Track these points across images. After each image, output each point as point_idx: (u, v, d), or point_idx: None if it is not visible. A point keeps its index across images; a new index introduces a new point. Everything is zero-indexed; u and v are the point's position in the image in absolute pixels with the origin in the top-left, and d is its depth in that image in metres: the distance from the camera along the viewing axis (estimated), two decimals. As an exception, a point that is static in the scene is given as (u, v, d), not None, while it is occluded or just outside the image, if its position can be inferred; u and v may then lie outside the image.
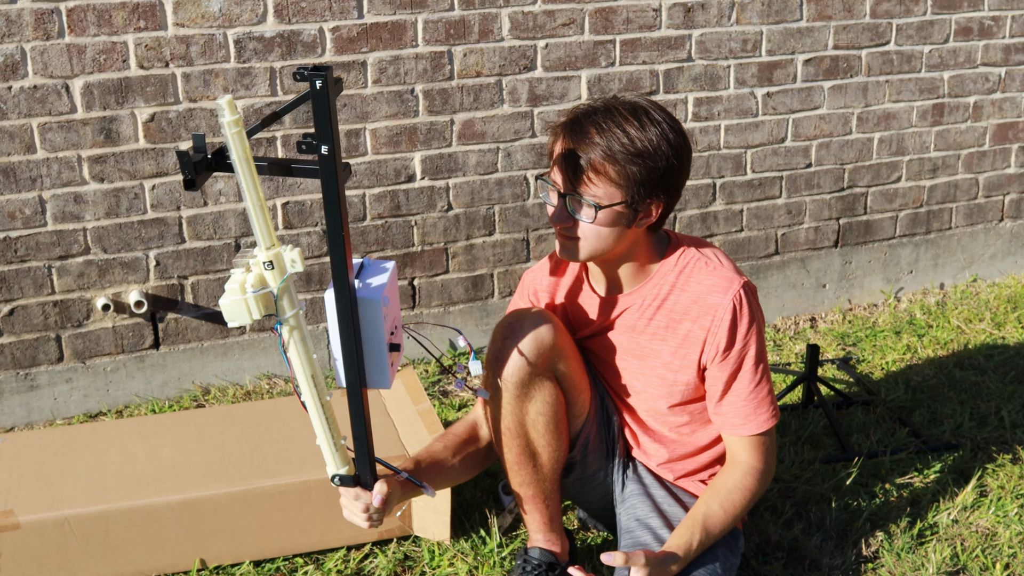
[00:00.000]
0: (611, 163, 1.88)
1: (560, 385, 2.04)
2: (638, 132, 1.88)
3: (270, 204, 3.11)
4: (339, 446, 1.83)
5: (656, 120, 1.91)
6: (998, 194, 4.07)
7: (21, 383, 3.03)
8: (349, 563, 2.36)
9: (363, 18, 3.04)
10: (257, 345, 3.23)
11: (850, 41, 3.61)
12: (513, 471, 2.12)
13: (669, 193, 1.96)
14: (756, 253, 3.73)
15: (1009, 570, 2.31)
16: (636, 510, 2.16)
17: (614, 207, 1.91)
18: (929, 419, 2.99)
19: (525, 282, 2.28)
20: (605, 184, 1.89)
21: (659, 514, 2.13)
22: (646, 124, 1.90)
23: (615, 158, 1.87)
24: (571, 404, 2.08)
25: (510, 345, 1.97)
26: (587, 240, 1.95)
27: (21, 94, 2.80)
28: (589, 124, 1.91)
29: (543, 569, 2.19)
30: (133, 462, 2.41)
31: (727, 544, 2.12)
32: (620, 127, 1.88)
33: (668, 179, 1.93)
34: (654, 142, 1.89)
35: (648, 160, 1.89)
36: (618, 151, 1.87)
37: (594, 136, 1.89)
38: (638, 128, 1.89)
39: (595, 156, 1.88)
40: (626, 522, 2.17)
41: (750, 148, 3.61)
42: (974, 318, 3.73)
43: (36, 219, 2.91)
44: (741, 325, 1.99)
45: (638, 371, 2.12)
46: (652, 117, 1.91)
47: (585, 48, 3.29)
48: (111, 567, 2.27)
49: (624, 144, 1.88)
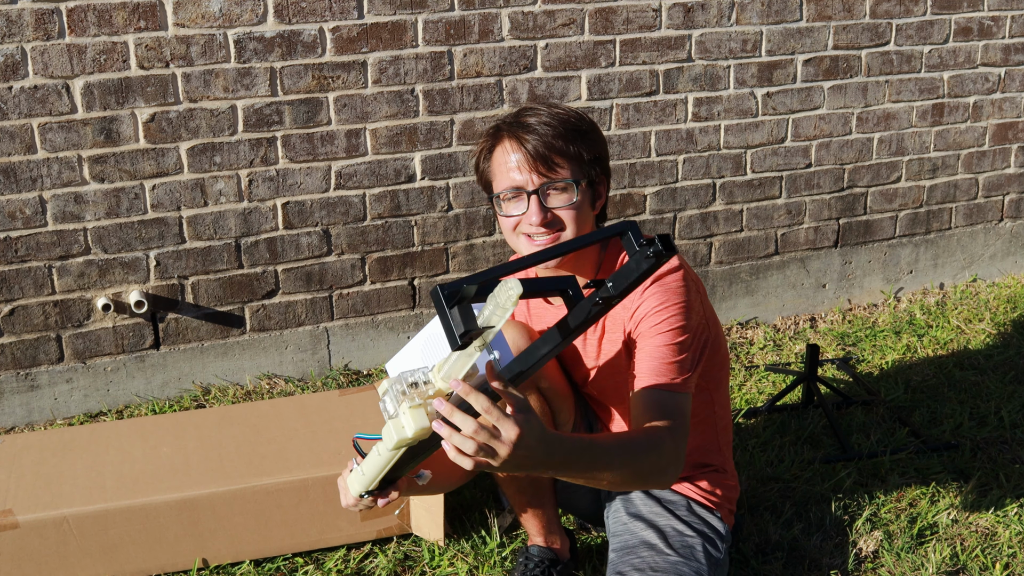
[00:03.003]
0: (565, 141, 1.89)
1: (544, 396, 2.03)
2: (566, 114, 1.93)
3: (270, 204, 3.12)
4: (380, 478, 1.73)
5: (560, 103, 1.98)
6: (998, 194, 4.07)
7: (21, 383, 3.03)
8: (349, 563, 2.36)
9: (363, 18, 3.04)
10: (257, 345, 3.23)
11: (850, 41, 3.61)
12: (507, 482, 2.12)
13: (608, 171, 2.00)
14: (756, 253, 3.73)
15: (1009, 570, 2.30)
16: (620, 514, 2.17)
17: (583, 183, 1.92)
18: (929, 419, 2.99)
19: None
20: (569, 163, 1.90)
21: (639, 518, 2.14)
22: (564, 108, 1.95)
23: (567, 136, 1.89)
24: (556, 413, 2.07)
25: None
26: (569, 230, 1.91)
27: (21, 94, 2.80)
28: (524, 117, 1.92)
29: (545, 566, 2.20)
30: (132, 462, 2.41)
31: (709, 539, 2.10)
32: (549, 114, 1.91)
33: (605, 153, 1.98)
34: (584, 119, 1.95)
35: (590, 133, 1.94)
36: (568, 130, 1.90)
37: (537, 126, 1.89)
38: (563, 111, 1.94)
39: (551, 138, 1.88)
40: (612, 525, 2.18)
41: (750, 148, 3.61)
42: (974, 318, 3.73)
43: (36, 219, 2.92)
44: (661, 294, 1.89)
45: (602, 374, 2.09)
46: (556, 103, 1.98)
47: (585, 48, 3.29)
48: (110, 566, 2.27)
49: (565, 123, 1.91)
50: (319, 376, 3.32)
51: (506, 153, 1.91)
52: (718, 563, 2.09)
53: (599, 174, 1.96)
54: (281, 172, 3.10)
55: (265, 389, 3.23)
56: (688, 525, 2.12)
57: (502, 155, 1.91)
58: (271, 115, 3.04)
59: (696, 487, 2.20)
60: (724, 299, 3.72)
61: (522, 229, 1.91)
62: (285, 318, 3.25)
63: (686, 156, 3.53)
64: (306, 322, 3.27)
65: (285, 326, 3.25)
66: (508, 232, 1.95)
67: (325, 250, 3.22)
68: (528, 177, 1.88)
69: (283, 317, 3.24)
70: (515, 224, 1.92)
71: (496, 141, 1.93)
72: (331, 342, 3.31)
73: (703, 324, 1.95)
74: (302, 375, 3.31)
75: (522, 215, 1.90)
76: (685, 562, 2.02)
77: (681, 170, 3.54)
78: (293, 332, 3.27)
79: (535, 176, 1.88)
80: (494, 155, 1.94)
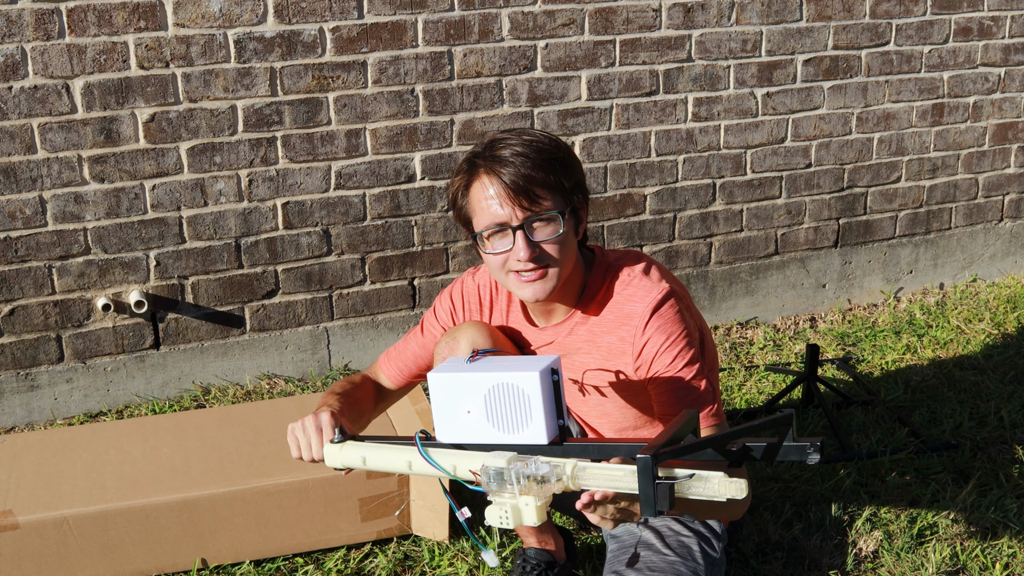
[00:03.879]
0: (544, 171, 1.80)
1: None
2: (540, 142, 1.84)
3: (270, 204, 3.12)
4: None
5: (537, 130, 1.90)
6: (998, 194, 4.07)
7: (21, 383, 3.03)
8: (349, 563, 2.36)
9: (363, 18, 3.04)
10: (257, 345, 3.23)
11: (850, 41, 3.61)
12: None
13: (587, 193, 1.92)
14: (756, 253, 3.73)
15: (1009, 570, 2.30)
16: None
17: (567, 212, 1.84)
18: (929, 419, 2.99)
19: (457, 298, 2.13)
20: (551, 194, 1.82)
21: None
22: (537, 135, 1.86)
23: (545, 166, 1.80)
24: None
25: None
26: (558, 259, 1.84)
27: (21, 94, 2.80)
28: (499, 150, 1.82)
29: (543, 568, 2.20)
30: (132, 462, 2.42)
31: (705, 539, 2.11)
32: (523, 143, 1.82)
33: (583, 176, 1.90)
34: (556, 143, 1.86)
35: (567, 160, 1.85)
36: (546, 160, 1.81)
37: (514, 157, 1.80)
38: (537, 139, 1.84)
39: (530, 169, 1.79)
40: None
41: (750, 148, 3.61)
42: (974, 318, 3.73)
43: (36, 219, 2.91)
44: (662, 332, 1.86)
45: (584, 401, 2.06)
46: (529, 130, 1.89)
47: (585, 48, 3.29)
48: (110, 567, 2.27)
49: (541, 152, 1.82)
50: (319, 376, 3.32)
51: (484, 188, 1.81)
52: (715, 562, 2.09)
53: (580, 200, 1.89)
54: (281, 172, 3.10)
55: (265, 389, 3.23)
56: (685, 525, 2.12)
57: (480, 190, 1.82)
58: (271, 115, 3.04)
59: None
60: (724, 299, 3.72)
61: (510, 266, 1.84)
62: (285, 318, 3.25)
63: (686, 156, 3.53)
64: (306, 322, 3.27)
65: (285, 326, 3.26)
66: (496, 270, 1.87)
67: (325, 250, 3.22)
68: (511, 212, 1.79)
69: (283, 317, 3.24)
70: (503, 261, 1.84)
71: (472, 176, 1.83)
72: (331, 342, 3.31)
73: (699, 338, 1.93)
74: (302, 375, 3.31)
75: (508, 251, 1.82)
76: (683, 561, 2.03)
77: (681, 170, 3.54)
78: (293, 332, 3.27)
79: (518, 210, 1.79)
80: (471, 191, 1.84)
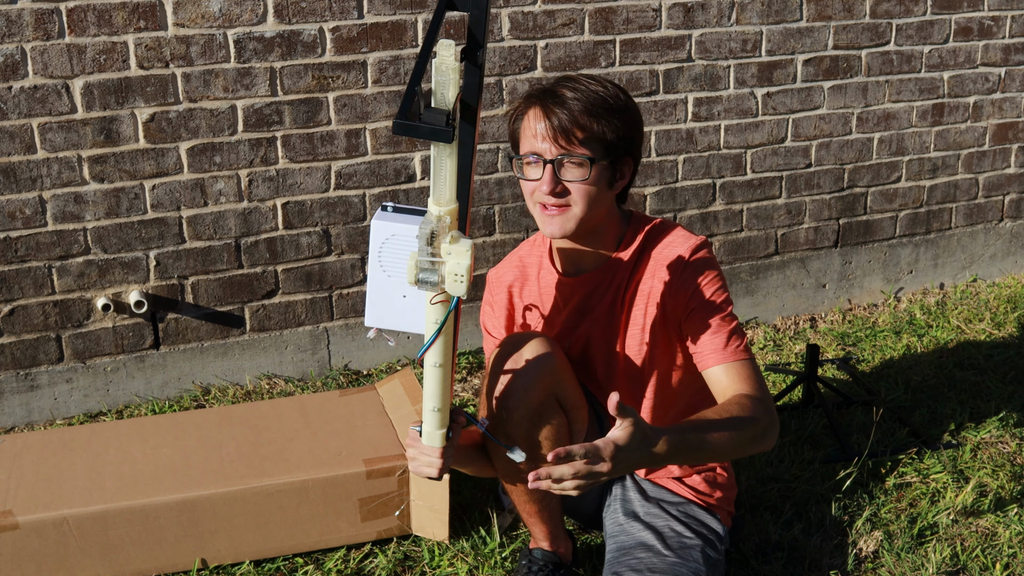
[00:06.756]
0: (593, 118, 1.95)
1: (562, 407, 2.03)
2: (606, 91, 1.98)
3: (270, 204, 3.12)
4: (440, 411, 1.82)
5: (612, 83, 2.02)
6: (998, 194, 4.07)
7: (21, 383, 3.03)
8: (349, 563, 2.36)
9: (363, 18, 3.04)
10: (257, 345, 3.23)
11: (850, 41, 3.61)
12: (514, 489, 2.12)
13: (636, 153, 2.05)
14: (756, 253, 3.73)
15: (1009, 570, 2.30)
16: (617, 515, 2.17)
17: (601, 162, 1.97)
18: (929, 419, 2.99)
19: (493, 282, 2.28)
20: (590, 140, 1.95)
21: (637, 519, 2.14)
22: (607, 85, 2.00)
23: (595, 113, 1.95)
24: (571, 423, 2.07)
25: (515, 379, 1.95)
26: (579, 204, 1.97)
27: (21, 94, 2.80)
28: (560, 89, 1.97)
29: (549, 569, 2.20)
30: (132, 462, 2.41)
31: (707, 541, 2.11)
32: (589, 88, 1.97)
33: (637, 136, 2.03)
34: (622, 99, 2.00)
35: (623, 114, 1.99)
36: (598, 106, 1.95)
37: (570, 97, 1.95)
38: (604, 87, 1.99)
39: (577, 114, 1.94)
40: (610, 527, 2.18)
41: (750, 148, 3.61)
42: (974, 318, 3.73)
43: (36, 219, 2.91)
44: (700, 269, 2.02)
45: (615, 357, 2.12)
46: (607, 80, 2.02)
47: (585, 48, 3.29)
48: (110, 567, 2.27)
49: (601, 99, 1.96)
50: (319, 376, 3.32)
51: (534, 120, 1.98)
52: (715, 564, 2.09)
53: (623, 155, 2.01)
54: (281, 172, 3.10)
55: (265, 389, 3.23)
56: (686, 526, 2.12)
57: (531, 121, 1.98)
58: (271, 115, 3.04)
59: (694, 489, 2.20)
60: (724, 299, 3.72)
61: (537, 197, 1.99)
62: (285, 318, 3.25)
63: (686, 156, 3.53)
64: (306, 322, 3.27)
65: (285, 326, 3.25)
66: (528, 197, 2.03)
67: (325, 250, 3.22)
68: (548, 147, 1.95)
69: (283, 317, 3.24)
70: (532, 190, 2.00)
71: (528, 106, 2.00)
72: (331, 342, 3.31)
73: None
74: (302, 375, 3.31)
75: (537, 181, 1.98)
76: (683, 563, 2.03)
77: (681, 170, 3.54)
78: (293, 332, 3.27)
79: (554, 147, 1.95)
80: (525, 118, 2.00)
